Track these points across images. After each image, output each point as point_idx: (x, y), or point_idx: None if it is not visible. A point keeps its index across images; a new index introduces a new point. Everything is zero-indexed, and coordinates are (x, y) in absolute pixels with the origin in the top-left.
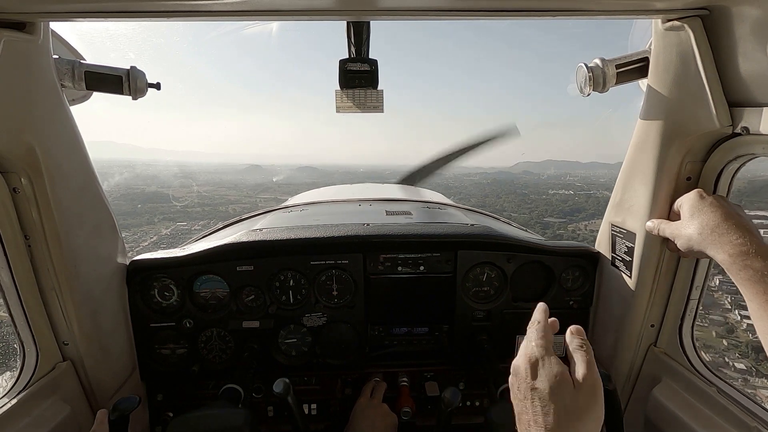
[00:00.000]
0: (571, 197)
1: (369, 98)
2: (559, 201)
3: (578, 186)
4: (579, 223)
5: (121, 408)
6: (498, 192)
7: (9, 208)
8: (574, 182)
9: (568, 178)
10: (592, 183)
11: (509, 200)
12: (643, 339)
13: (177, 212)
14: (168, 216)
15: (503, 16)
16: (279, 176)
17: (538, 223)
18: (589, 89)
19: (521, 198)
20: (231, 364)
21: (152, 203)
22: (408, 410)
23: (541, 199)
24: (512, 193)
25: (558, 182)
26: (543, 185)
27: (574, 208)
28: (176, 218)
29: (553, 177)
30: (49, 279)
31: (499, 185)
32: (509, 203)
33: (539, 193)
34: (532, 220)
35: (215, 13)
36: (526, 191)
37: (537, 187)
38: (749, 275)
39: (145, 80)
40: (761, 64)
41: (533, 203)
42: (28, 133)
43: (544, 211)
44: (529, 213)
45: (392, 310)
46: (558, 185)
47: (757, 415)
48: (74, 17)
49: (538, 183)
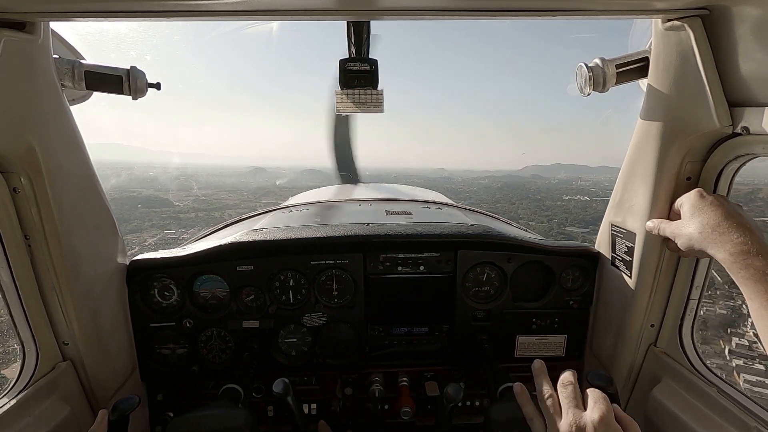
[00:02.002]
0: (589, 204)
1: (369, 98)
2: (577, 208)
3: (593, 191)
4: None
5: (121, 408)
6: (510, 197)
7: (9, 208)
8: (587, 187)
9: (580, 183)
10: (605, 188)
11: (524, 206)
12: (643, 339)
13: (167, 218)
14: (157, 223)
15: (503, 16)
16: (282, 179)
17: (561, 234)
18: (589, 89)
19: (536, 204)
20: (231, 364)
21: (146, 208)
22: (408, 410)
23: (557, 206)
24: (525, 198)
25: (570, 187)
26: (556, 190)
27: (595, 217)
28: (165, 225)
29: (565, 182)
30: (49, 279)
31: (510, 190)
32: (524, 210)
33: (554, 198)
34: (552, 230)
35: (215, 13)
36: (540, 197)
37: (550, 193)
38: (750, 274)
39: (145, 80)
40: (761, 64)
41: (550, 210)
42: (28, 133)
43: (564, 219)
44: (548, 222)
45: (392, 310)
46: (572, 190)
47: (757, 415)
48: (74, 17)
49: (551, 188)
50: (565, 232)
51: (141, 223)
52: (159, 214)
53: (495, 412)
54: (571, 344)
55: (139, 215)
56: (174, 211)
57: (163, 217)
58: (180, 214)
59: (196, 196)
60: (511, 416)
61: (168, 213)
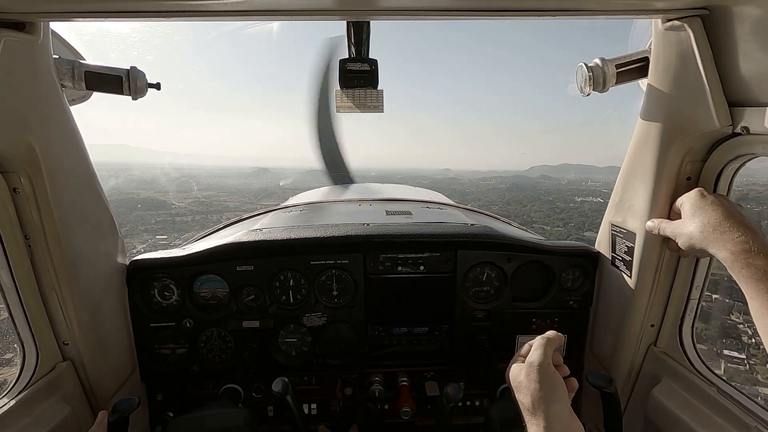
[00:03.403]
0: (603, 206)
1: (369, 98)
2: (592, 211)
3: (604, 193)
4: None
5: (120, 409)
6: (521, 199)
7: (9, 208)
8: (598, 189)
9: (590, 184)
10: None
11: (536, 209)
12: (643, 339)
13: (161, 222)
14: (150, 228)
15: (503, 15)
16: (286, 180)
17: (580, 240)
18: (589, 89)
19: (548, 206)
20: (231, 364)
21: (142, 210)
22: (408, 410)
23: (571, 209)
24: (536, 200)
25: (581, 188)
26: (567, 192)
27: None
28: (158, 230)
29: (575, 182)
30: (49, 279)
31: (520, 191)
32: (537, 213)
33: (566, 200)
34: (570, 235)
35: (215, 13)
36: (551, 198)
37: (561, 194)
38: (751, 273)
39: (145, 80)
40: (761, 64)
41: (565, 213)
42: (28, 133)
43: (581, 223)
44: (563, 225)
45: (392, 310)
46: (583, 192)
47: (757, 415)
48: (74, 17)
49: (561, 189)
50: (584, 238)
51: (134, 227)
52: (155, 217)
53: (495, 412)
54: (571, 344)
55: (134, 219)
56: (170, 214)
57: (158, 220)
58: (176, 217)
59: (196, 197)
60: (511, 416)
61: (164, 216)
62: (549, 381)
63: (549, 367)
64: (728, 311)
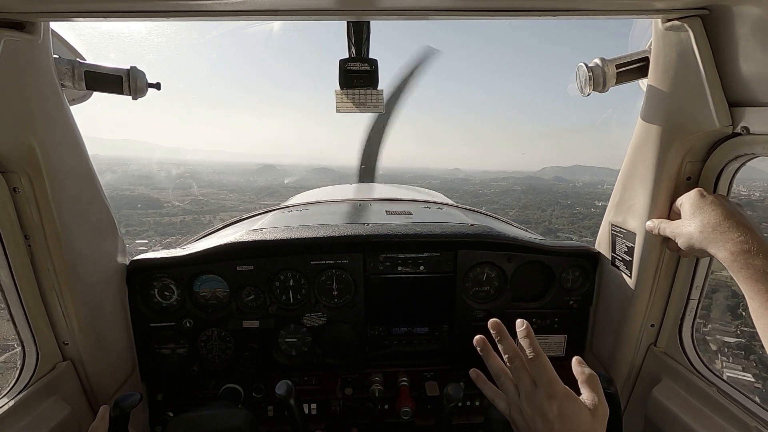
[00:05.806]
0: None
1: (369, 98)
2: None
3: None
4: None
5: (122, 405)
6: (538, 202)
7: (9, 208)
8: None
9: (606, 187)
10: None
11: (556, 214)
12: (643, 339)
13: (148, 223)
14: (135, 230)
15: (503, 15)
16: (291, 178)
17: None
18: (589, 89)
19: (570, 212)
20: (231, 364)
21: (128, 209)
22: (408, 410)
23: (593, 214)
24: (555, 204)
25: (598, 191)
26: (585, 195)
27: None
28: (138, 233)
29: (590, 185)
30: (49, 279)
31: (536, 194)
32: (558, 219)
33: (586, 205)
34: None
35: (215, 13)
36: (569, 202)
37: (580, 198)
38: (750, 273)
39: (145, 80)
40: (761, 64)
41: (587, 219)
42: (28, 133)
43: None
44: (592, 236)
45: (392, 310)
46: (602, 195)
47: (757, 415)
48: (74, 17)
49: (578, 192)
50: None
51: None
52: (143, 216)
53: (495, 412)
54: (571, 344)
55: (120, 218)
56: (160, 214)
57: (144, 221)
58: (165, 217)
59: (195, 196)
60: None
61: (153, 217)
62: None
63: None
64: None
